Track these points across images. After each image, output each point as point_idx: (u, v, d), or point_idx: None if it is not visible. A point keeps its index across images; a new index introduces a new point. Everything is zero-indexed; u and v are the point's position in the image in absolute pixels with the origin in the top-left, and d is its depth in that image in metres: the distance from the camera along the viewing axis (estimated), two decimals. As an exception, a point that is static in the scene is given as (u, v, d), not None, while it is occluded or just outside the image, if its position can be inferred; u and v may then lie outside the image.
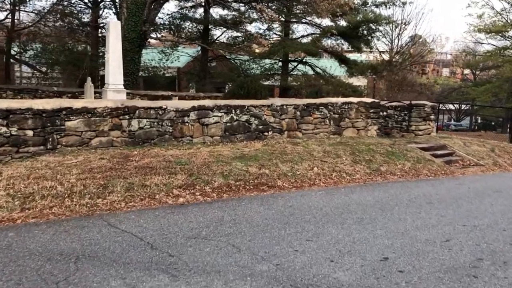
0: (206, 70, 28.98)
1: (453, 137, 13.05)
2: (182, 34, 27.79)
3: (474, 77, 47.93)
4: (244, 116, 9.26)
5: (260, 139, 9.46)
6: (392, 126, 12.39)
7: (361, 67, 27.85)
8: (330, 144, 9.56)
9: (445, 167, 9.64)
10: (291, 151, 8.61)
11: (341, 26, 28.36)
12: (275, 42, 29.95)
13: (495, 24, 35.96)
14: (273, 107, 9.62)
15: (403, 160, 9.30)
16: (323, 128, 10.35)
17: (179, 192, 6.20)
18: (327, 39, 30.70)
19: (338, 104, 10.47)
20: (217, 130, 8.98)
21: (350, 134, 10.72)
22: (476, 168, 10.14)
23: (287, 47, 27.83)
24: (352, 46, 30.05)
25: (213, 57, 30.62)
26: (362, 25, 27.64)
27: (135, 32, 19.75)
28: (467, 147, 11.44)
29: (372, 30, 28.38)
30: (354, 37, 28.36)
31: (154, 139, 8.36)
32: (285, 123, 9.83)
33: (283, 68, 30.61)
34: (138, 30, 19.87)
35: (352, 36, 28.28)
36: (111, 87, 11.74)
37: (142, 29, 20.27)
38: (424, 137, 11.75)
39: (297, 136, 10.00)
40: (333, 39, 30.38)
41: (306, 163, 8.10)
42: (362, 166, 8.56)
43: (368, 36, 28.72)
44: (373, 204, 6.34)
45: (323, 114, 10.29)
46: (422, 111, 11.71)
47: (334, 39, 30.47)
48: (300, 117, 10.00)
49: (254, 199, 6.27)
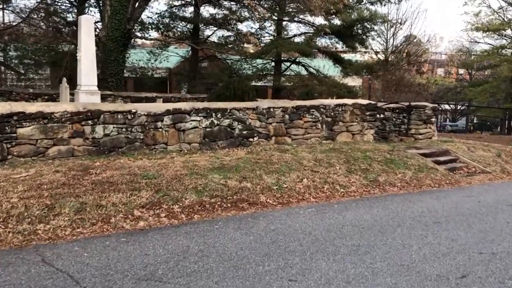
0: (196, 70, 28.03)
1: (454, 140, 12.14)
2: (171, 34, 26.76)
3: (470, 77, 47.27)
4: (226, 120, 8.29)
5: (244, 146, 8.49)
6: (390, 130, 11.46)
7: (356, 67, 27.00)
8: (322, 151, 8.60)
9: (450, 175, 8.71)
10: (278, 160, 7.64)
11: (335, 25, 27.51)
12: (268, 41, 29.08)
13: (492, 22, 35.26)
14: (258, 110, 8.65)
15: (404, 168, 8.36)
16: (315, 133, 9.40)
17: (140, 213, 5.21)
18: (320, 38, 29.87)
19: (331, 106, 9.52)
20: (196, 136, 7.99)
21: (345, 139, 9.78)
22: (483, 176, 9.22)
23: (279, 47, 26.94)
24: (347, 45, 29.23)
25: (204, 57, 29.71)
26: (357, 23, 26.82)
27: (119, 30, 18.75)
28: (471, 152, 10.53)
29: (367, 29, 27.57)
30: (349, 36, 27.54)
31: (122, 147, 7.36)
32: (272, 128, 8.86)
33: (275, 68, 29.73)
34: (122, 29, 18.87)
35: (346, 35, 27.45)
36: (84, 89, 10.73)
37: (126, 27, 19.26)
38: (425, 142, 10.83)
39: (286, 142, 9.03)
40: (327, 38, 29.56)
41: (294, 174, 7.14)
42: (358, 177, 7.60)
43: (363, 35, 27.90)
44: (371, 225, 5.38)
45: (314, 118, 9.34)
46: (422, 113, 10.80)
47: (328, 38, 29.64)
48: (289, 121, 9.04)
49: (230, 220, 5.29)
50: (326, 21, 27.80)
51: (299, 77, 29.00)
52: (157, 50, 27.99)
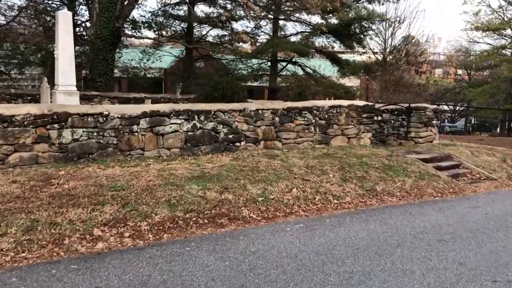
0: (190, 70, 27.36)
1: (457, 144, 11.47)
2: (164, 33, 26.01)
3: (469, 77, 46.71)
4: (210, 123, 7.60)
5: (230, 151, 7.80)
6: (388, 133, 10.79)
7: (353, 67, 26.34)
8: (314, 156, 7.92)
9: (453, 183, 8.03)
10: (266, 167, 6.95)
11: (332, 24, 26.88)
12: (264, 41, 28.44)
13: (491, 22, 34.67)
14: (246, 112, 7.96)
15: (403, 176, 7.68)
16: (307, 137, 8.71)
17: (101, 232, 4.51)
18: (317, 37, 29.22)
19: (324, 108, 8.84)
20: (176, 140, 7.30)
21: (339, 143, 9.10)
22: (489, 183, 8.56)
23: (275, 46, 26.29)
24: (344, 45, 28.59)
25: (198, 57, 29.03)
26: (354, 22, 26.18)
27: (108, 29, 18.05)
28: (475, 157, 9.86)
29: (365, 28, 26.92)
30: (346, 35, 26.91)
31: (93, 153, 6.66)
32: (261, 131, 8.18)
33: (271, 69, 29.08)
34: (110, 27, 18.17)
35: (343, 35, 26.83)
36: (61, 89, 10.03)
37: (115, 25, 18.55)
38: (426, 146, 10.16)
39: (276, 146, 8.35)
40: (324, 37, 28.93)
41: (283, 183, 6.45)
42: (353, 185, 6.92)
43: (361, 35, 27.25)
44: (367, 245, 4.70)
45: (307, 120, 8.66)
46: (422, 115, 10.12)
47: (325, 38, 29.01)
48: (280, 124, 8.36)
49: (205, 240, 4.60)
50: (323, 20, 27.16)
51: (296, 78, 28.37)
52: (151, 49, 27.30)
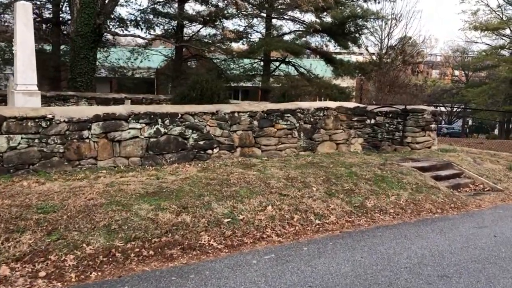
0: (180, 70, 26.41)
1: (457, 149, 10.53)
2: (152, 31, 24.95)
3: (467, 78, 45.92)
4: (177, 128, 6.61)
5: (200, 160, 6.82)
6: (382, 138, 9.84)
7: (348, 67, 25.42)
8: (297, 166, 6.95)
9: (454, 196, 7.08)
10: (239, 179, 5.98)
11: (326, 23, 25.98)
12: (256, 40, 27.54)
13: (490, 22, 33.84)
14: (219, 115, 6.98)
15: (398, 188, 6.72)
16: (290, 143, 7.74)
17: (10, 271, 3.52)
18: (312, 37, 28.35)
19: (310, 110, 7.87)
20: (136, 148, 6.31)
21: (327, 150, 8.13)
22: (494, 195, 7.61)
23: (267, 45, 25.41)
24: (339, 44, 27.70)
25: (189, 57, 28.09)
26: (349, 21, 25.26)
27: (89, 26, 17.08)
28: (478, 165, 8.92)
29: (360, 26, 26.02)
30: (341, 34, 26.02)
31: (34, 163, 5.67)
32: (238, 137, 7.20)
33: (264, 69, 28.16)
34: (92, 24, 17.18)
35: (338, 33, 25.93)
36: (20, 89, 9.02)
37: (96, 22, 17.55)
38: (423, 152, 9.21)
39: (254, 154, 7.37)
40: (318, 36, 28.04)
41: (256, 200, 5.48)
42: (339, 201, 5.95)
43: (356, 34, 26.36)
44: (350, 284, 3.73)
45: (289, 124, 7.69)
46: (420, 118, 9.17)
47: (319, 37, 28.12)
48: (259, 128, 7.38)
49: (144, 281, 3.62)
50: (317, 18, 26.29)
51: (289, 78, 27.49)
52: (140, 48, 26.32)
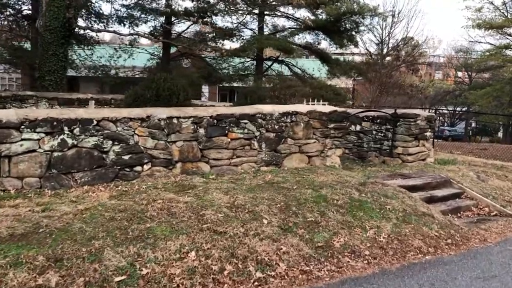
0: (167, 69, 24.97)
1: (457, 160, 8.96)
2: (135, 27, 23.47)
3: (470, 79, 44.28)
4: (92, 138, 5.10)
5: (125, 180, 5.30)
6: (368, 148, 8.31)
7: (344, 67, 23.88)
8: (250, 187, 5.41)
9: (452, 227, 5.52)
10: (161, 210, 4.45)
11: (320, 19, 24.48)
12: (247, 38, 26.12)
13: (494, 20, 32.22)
14: (152, 122, 5.46)
15: (379, 218, 5.18)
16: (249, 156, 6.20)
17: None
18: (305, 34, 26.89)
19: (274, 115, 6.33)
20: (32, 166, 4.79)
21: (296, 164, 6.58)
22: (503, 222, 6.06)
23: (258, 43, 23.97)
24: (335, 42, 26.18)
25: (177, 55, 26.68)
26: (344, 17, 23.71)
27: (58, 20, 15.66)
28: (482, 181, 7.35)
29: (356, 23, 24.46)
30: (336, 32, 24.50)
31: None
32: (178, 149, 5.67)
33: (257, 68, 26.71)
34: (61, 18, 15.74)
35: (333, 31, 24.41)
36: None
37: (65, 15, 16.10)
38: (416, 166, 7.66)
39: (200, 170, 5.84)
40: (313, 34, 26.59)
41: (177, 242, 3.95)
42: (296, 240, 4.42)
43: (352, 31, 24.80)
44: None
45: (247, 133, 6.15)
46: (412, 125, 7.61)
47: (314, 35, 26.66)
48: (207, 138, 5.85)
49: None
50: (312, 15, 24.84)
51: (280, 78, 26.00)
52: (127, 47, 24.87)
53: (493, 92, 28.34)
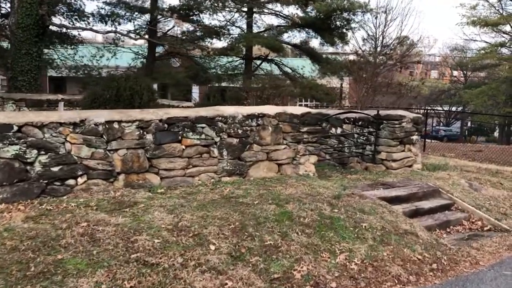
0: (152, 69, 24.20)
1: (448, 164, 8.20)
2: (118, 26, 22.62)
3: (465, 78, 43.69)
4: (11, 147, 4.30)
5: (54, 196, 4.50)
6: (350, 153, 7.54)
7: (334, 65, 23.12)
8: (202, 203, 4.62)
9: (438, 247, 4.76)
10: (82, 236, 3.65)
11: (309, 16, 23.76)
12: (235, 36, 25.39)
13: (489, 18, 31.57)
14: (88, 126, 4.66)
15: (352, 239, 4.40)
16: (207, 165, 5.41)
17: None
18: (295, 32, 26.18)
19: (237, 118, 5.54)
20: None
21: (264, 174, 5.80)
22: (497, 239, 5.30)
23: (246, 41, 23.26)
24: (325, 40, 25.45)
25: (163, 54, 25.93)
26: (334, 14, 22.99)
27: (31, 17, 14.81)
28: (474, 190, 6.59)
29: (347, 20, 23.74)
30: (326, 29, 23.79)
31: None
32: (120, 159, 4.87)
33: (246, 68, 25.96)
34: (34, 15, 14.89)
35: (323, 28, 23.71)
36: None
37: (38, 12, 15.27)
38: (402, 173, 6.89)
39: (148, 182, 5.05)
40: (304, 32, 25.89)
41: (93, 277, 3.16)
42: (248, 271, 3.63)
43: (343, 28, 24.08)
44: None
45: (206, 139, 5.36)
46: (397, 127, 6.84)
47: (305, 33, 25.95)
48: (155, 146, 5.06)
49: None
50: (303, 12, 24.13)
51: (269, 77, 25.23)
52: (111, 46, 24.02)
53: (489, 91, 27.71)
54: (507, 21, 30.97)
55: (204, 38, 24.80)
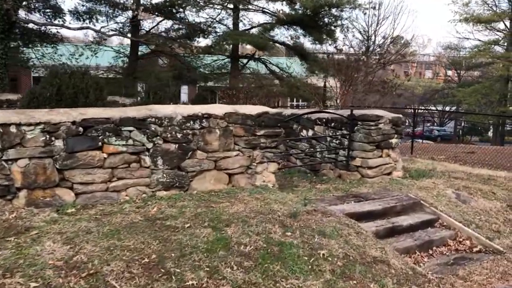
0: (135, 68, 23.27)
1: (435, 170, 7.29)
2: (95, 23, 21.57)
3: (459, 77, 42.99)
4: None
5: None
6: (322, 158, 6.60)
7: (321, 63, 22.23)
8: (114, 228, 3.65)
9: (415, 279, 3.81)
10: None
11: (297, 13, 22.88)
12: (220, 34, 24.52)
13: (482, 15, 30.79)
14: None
15: (305, 272, 3.45)
16: (137, 177, 4.45)
17: None
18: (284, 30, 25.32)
19: (176, 119, 4.58)
20: None
21: (212, 186, 4.84)
22: (489, 264, 4.37)
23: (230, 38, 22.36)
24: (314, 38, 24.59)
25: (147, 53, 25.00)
26: (322, 11, 22.13)
27: (-5, 12, 13.73)
28: (463, 203, 5.66)
29: (335, 17, 22.89)
30: (314, 26, 22.92)
31: None
32: (20, 171, 3.90)
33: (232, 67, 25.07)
34: (-1, 10, 13.86)
35: (311, 25, 22.84)
36: None
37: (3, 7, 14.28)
38: (379, 182, 5.95)
39: (58, 200, 4.08)
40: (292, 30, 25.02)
41: None
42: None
43: (331, 25, 23.22)
44: None
45: (134, 145, 4.40)
46: (373, 130, 5.90)
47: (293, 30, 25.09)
48: (68, 154, 4.09)
49: None
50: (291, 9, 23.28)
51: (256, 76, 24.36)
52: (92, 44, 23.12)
53: (482, 90, 26.92)
54: (500, 18, 30.23)
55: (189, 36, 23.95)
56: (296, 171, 6.87)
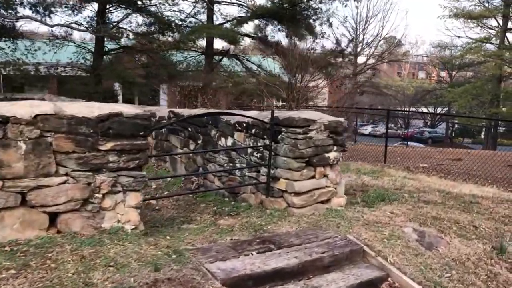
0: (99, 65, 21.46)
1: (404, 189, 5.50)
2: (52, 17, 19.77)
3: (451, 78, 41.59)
4: None
5: None
6: (242, 177, 4.78)
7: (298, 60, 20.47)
8: None
9: None
10: None
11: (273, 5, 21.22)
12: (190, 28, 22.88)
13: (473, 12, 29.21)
14: None
15: None
16: None
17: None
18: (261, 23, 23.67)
19: None
20: None
21: (16, 234, 2.99)
22: None
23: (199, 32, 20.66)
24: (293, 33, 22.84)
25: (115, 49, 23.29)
26: (300, 3, 20.46)
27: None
28: (427, 249, 3.82)
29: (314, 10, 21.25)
30: (291, 20, 21.29)
31: None
32: None
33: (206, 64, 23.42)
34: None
35: (287, 19, 21.20)
36: None
37: None
38: (310, 213, 4.13)
39: None
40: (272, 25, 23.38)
41: None
42: None
43: (309, 19, 21.60)
44: None
45: None
46: (300, 139, 4.08)
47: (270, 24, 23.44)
48: None
49: None
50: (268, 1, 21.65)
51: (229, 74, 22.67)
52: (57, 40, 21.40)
53: (473, 90, 25.25)
54: (492, 14, 28.64)
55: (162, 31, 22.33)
56: (212, 195, 5.07)
